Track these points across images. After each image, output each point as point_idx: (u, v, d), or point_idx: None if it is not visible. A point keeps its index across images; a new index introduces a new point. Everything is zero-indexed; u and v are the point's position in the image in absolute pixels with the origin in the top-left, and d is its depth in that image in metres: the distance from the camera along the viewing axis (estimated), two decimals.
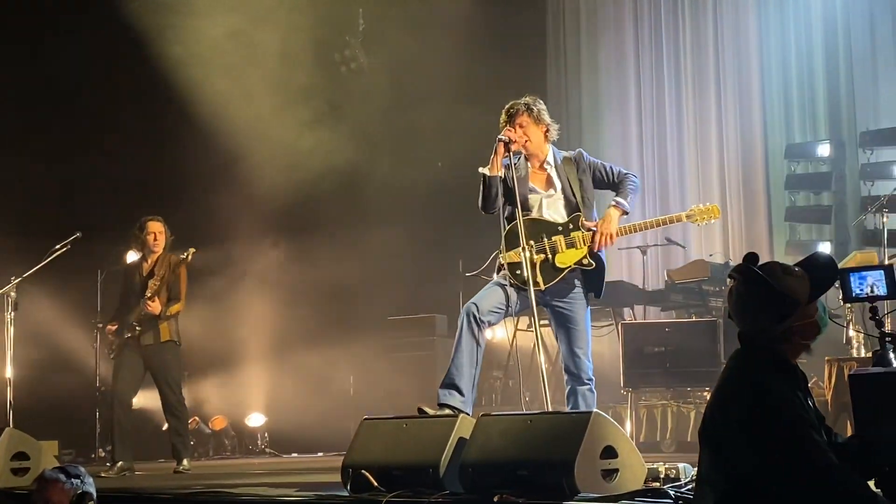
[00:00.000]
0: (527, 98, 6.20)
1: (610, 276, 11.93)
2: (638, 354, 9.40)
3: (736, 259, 11.07)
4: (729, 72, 12.59)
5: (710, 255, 11.49)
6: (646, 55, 13.22)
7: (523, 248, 5.84)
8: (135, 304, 8.67)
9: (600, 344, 11.23)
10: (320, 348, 11.53)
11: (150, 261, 8.82)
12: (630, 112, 13.28)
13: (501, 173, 6.02)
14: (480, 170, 6.06)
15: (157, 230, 8.82)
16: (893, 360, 3.49)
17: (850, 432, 7.67)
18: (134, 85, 11.64)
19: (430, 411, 5.75)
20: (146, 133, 11.77)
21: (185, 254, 8.62)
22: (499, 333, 10.55)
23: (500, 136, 6.03)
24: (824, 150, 11.73)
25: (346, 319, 11.85)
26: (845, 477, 3.29)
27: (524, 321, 9.57)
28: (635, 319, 11.01)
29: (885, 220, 9.77)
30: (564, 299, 6.07)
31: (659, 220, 6.35)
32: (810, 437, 3.32)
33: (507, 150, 6.01)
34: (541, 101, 6.21)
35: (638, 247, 11.65)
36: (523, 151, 6.17)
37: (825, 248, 11.38)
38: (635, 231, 6.22)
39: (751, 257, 3.54)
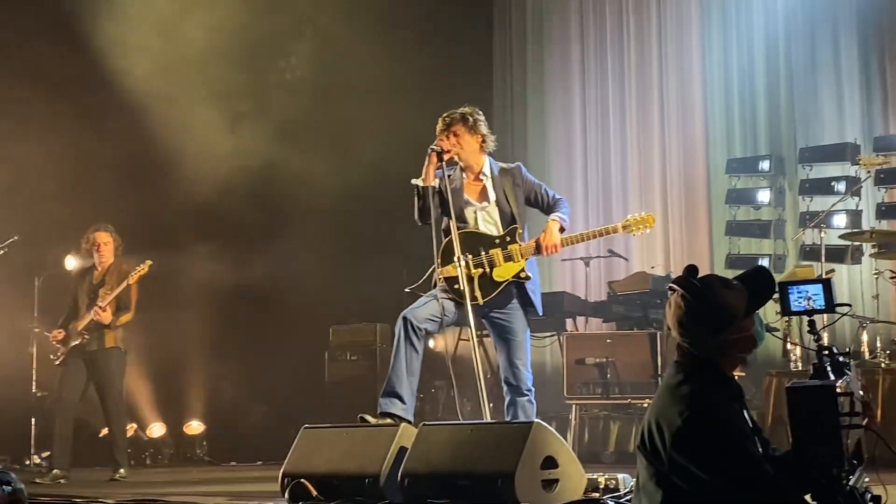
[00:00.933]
0: (465, 108, 6.19)
1: (553, 288, 12.17)
2: (580, 365, 9.44)
3: (677, 272, 11.16)
4: (672, 87, 12.70)
5: (652, 268, 11.57)
6: (591, 69, 13.30)
7: (458, 260, 5.82)
8: (84, 312, 8.58)
9: (543, 354, 11.28)
10: (261, 356, 11.46)
11: (100, 269, 8.73)
12: (575, 125, 13.35)
13: (435, 183, 6.02)
14: (413, 181, 6.05)
15: (103, 240, 8.75)
16: (831, 372, 3.53)
17: (787, 444, 7.79)
18: (61, 83, 11.43)
19: (372, 420, 5.74)
20: (77, 136, 11.59)
21: (141, 266, 8.55)
22: (441, 343, 10.54)
23: (432, 146, 6.03)
24: (764, 165, 11.86)
25: (288, 327, 11.77)
26: (781, 489, 3.32)
27: (467, 331, 9.57)
28: (578, 330, 11.07)
29: (823, 235, 9.90)
30: (503, 311, 6.09)
31: (596, 232, 6.37)
32: (747, 450, 3.35)
33: (440, 159, 6.00)
34: (479, 113, 6.21)
35: (581, 258, 11.71)
36: (460, 162, 6.16)
37: (764, 262, 11.50)
38: (575, 242, 6.25)
39: (690, 270, 3.57)
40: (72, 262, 9.13)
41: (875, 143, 11.07)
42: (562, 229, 6.12)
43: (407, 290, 6.11)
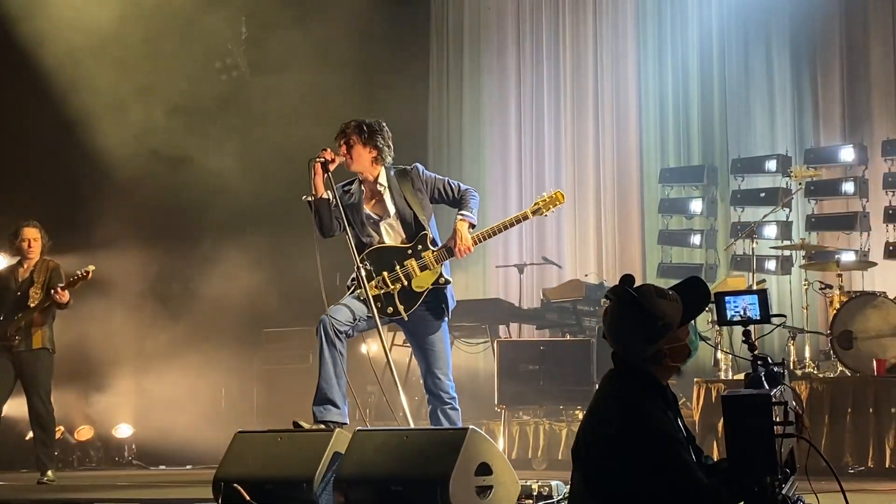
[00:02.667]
0: (366, 119, 6.10)
1: (487, 294, 12.18)
2: (512, 372, 9.46)
3: (610, 280, 11.29)
4: (607, 97, 12.80)
5: (586, 276, 11.66)
6: (527, 76, 13.36)
7: (358, 270, 5.80)
8: (10, 311, 8.41)
9: (476, 361, 11.31)
10: (192, 359, 11.33)
11: (26, 266, 8.57)
12: (510, 131, 13.40)
13: (328, 194, 5.94)
14: (304, 198, 5.96)
15: (32, 236, 8.60)
16: (765, 382, 3.57)
17: (716, 452, 7.87)
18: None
19: (306, 425, 5.69)
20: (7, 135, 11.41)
21: (84, 271, 8.39)
22: (374, 347, 10.51)
23: (314, 157, 5.92)
24: (697, 175, 12.00)
25: (221, 330, 11.65)
26: (715, 497, 3.35)
27: (400, 336, 9.56)
28: (511, 337, 11.10)
29: (754, 245, 10.04)
30: (421, 321, 6.04)
31: (507, 222, 6.16)
32: (680, 458, 3.38)
33: (325, 170, 5.91)
34: (379, 123, 6.10)
35: (515, 265, 11.77)
36: (358, 175, 6.10)
37: (696, 271, 11.63)
38: (487, 238, 6.12)
39: (626, 279, 3.59)
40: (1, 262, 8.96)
41: (806, 155, 11.26)
42: (472, 226, 6.02)
43: (330, 307, 5.96)
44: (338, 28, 11.85)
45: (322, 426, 5.66)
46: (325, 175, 5.94)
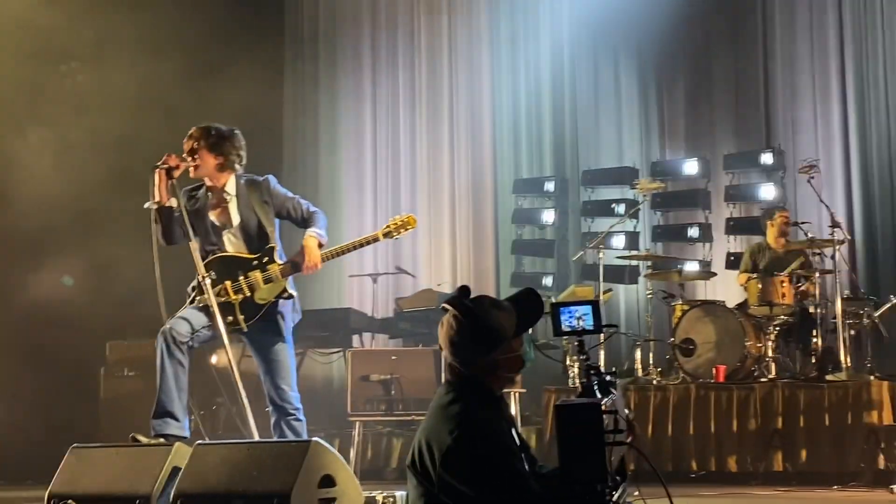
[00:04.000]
0: (215, 124, 6.02)
1: (340, 304, 12.12)
2: (365, 381, 9.43)
3: None
4: (462, 108, 12.89)
5: (439, 285, 11.71)
6: (382, 86, 13.36)
7: (202, 281, 5.71)
8: None
9: (329, 370, 11.24)
10: (31, 371, 10.95)
11: None
12: (365, 141, 13.37)
13: (173, 202, 5.83)
14: (146, 205, 5.83)
15: None
16: (597, 391, 3.63)
17: None
18: None
19: (144, 440, 5.56)
20: None
21: None
22: (223, 358, 10.35)
23: (158, 163, 5.79)
24: (549, 186, 12.20)
25: (62, 341, 11.28)
26: None
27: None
28: (364, 347, 11.07)
29: (601, 255, 10.23)
30: (264, 333, 5.98)
31: (357, 242, 6.16)
32: (514, 467, 3.42)
33: (170, 176, 5.78)
34: (231, 130, 6.02)
35: (369, 274, 11.76)
36: (205, 181, 6.02)
37: (548, 280, 11.81)
38: (336, 256, 6.08)
39: (463, 290, 3.62)
40: None
41: (652, 168, 11.56)
42: (320, 245, 5.97)
43: (167, 321, 5.85)
44: (185, 38, 11.62)
45: (161, 440, 5.55)
46: (170, 182, 5.80)
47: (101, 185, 10.84)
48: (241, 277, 5.89)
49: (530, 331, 3.70)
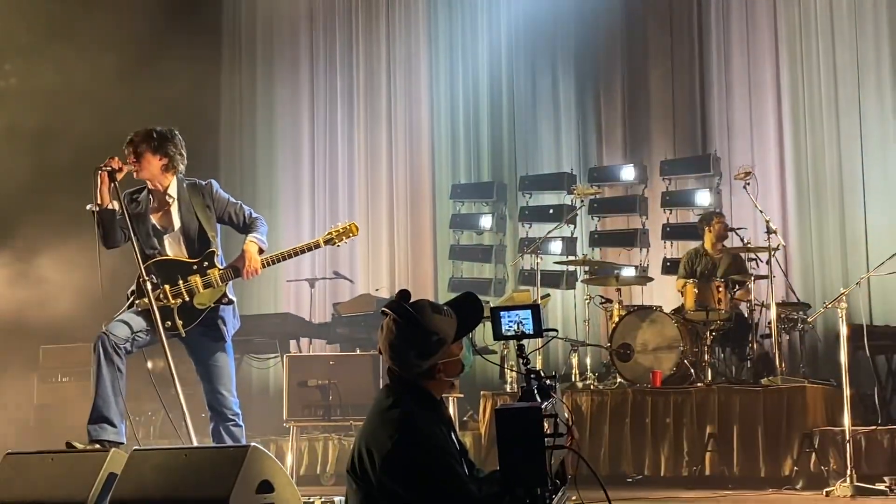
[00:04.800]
0: (157, 127, 5.97)
1: (278, 309, 12.06)
2: (302, 387, 9.37)
3: None
4: (400, 113, 12.90)
5: (377, 290, 11.70)
6: (320, 90, 13.34)
7: (143, 284, 5.65)
8: None
9: (266, 376, 11.18)
10: None
11: None
12: (303, 146, 13.33)
13: (114, 205, 5.78)
14: (88, 207, 5.77)
15: None
16: (537, 395, 3.64)
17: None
18: None
19: (79, 445, 5.49)
20: None
21: None
22: (159, 363, 10.25)
23: (100, 165, 5.73)
24: (487, 191, 12.23)
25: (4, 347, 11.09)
26: None
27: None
28: (301, 352, 11.02)
29: (539, 261, 10.28)
30: (203, 339, 5.94)
31: (298, 249, 6.14)
32: (454, 471, 3.43)
33: (112, 179, 5.71)
34: (171, 131, 5.98)
35: (306, 279, 11.71)
36: (148, 184, 5.97)
37: (486, 285, 11.84)
38: (277, 261, 6.06)
39: (403, 294, 3.62)
40: None
41: (589, 173, 11.64)
42: (261, 250, 5.97)
43: (105, 325, 5.79)
44: (123, 37, 11.49)
45: (97, 446, 5.47)
46: (112, 184, 5.73)
47: (24, 181, 10.69)
48: (181, 282, 5.84)
49: (470, 335, 3.71)
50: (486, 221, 12.14)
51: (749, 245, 9.26)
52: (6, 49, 11.79)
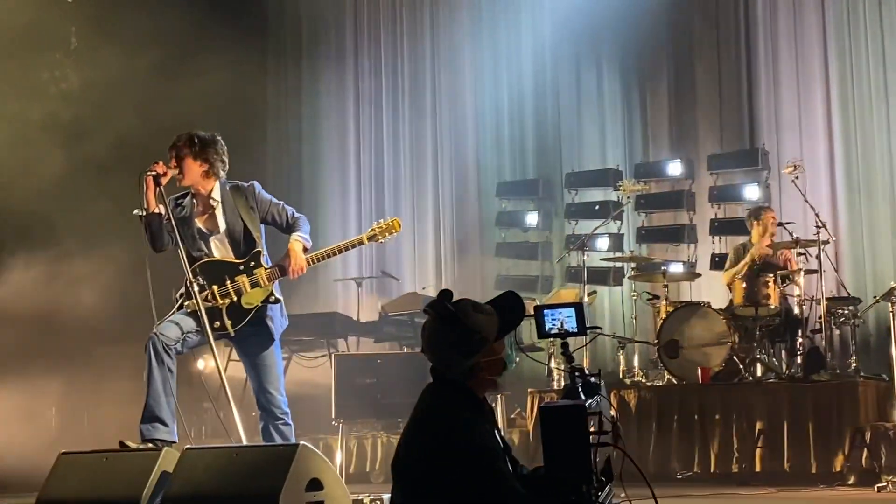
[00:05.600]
0: (199, 132, 6.02)
1: (325, 308, 12.13)
2: (350, 385, 9.44)
3: None
4: (444, 111, 12.92)
5: (423, 288, 11.73)
6: (365, 91, 13.39)
7: (191, 286, 5.72)
8: None
9: (313, 375, 11.23)
10: (18, 380, 10.91)
11: None
12: (349, 146, 13.40)
13: (160, 209, 5.85)
14: (135, 212, 5.85)
15: None
16: (582, 393, 3.66)
17: None
18: None
19: (133, 445, 5.57)
20: None
21: None
22: (210, 363, 10.35)
23: (145, 170, 5.81)
24: (533, 189, 12.23)
25: (48, 349, 11.25)
26: None
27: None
28: (348, 351, 11.08)
29: (585, 258, 10.26)
30: (252, 338, 6.00)
31: (342, 246, 6.17)
32: (497, 468, 3.43)
33: (157, 183, 5.80)
34: (213, 136, 6.04)
35: (353, 279, 11.77)
36: (191, 188, 6.03)
37: (532, 283, 11.84)
38: (321, 259, 6.10)
39: (444, 294, 3.64)
40: None
41: (635, 169, 11.59)
42: (305, 249, 6.02)
43: (157, 323, 5.86)
44: (165, 40, 11.61)
45: (150, 445, 5.55)
46: (157, 189, 5.82)
47: (79, 182, 10.83)
48: (228, 282, 5.90)
49: (512, 334, 3.72)
50: (531, 219, 12.13)
51: (798, 239, 9.18)
52: (50, 47, 11.96)
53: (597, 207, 11.58)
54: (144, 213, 5.83)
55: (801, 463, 8.21)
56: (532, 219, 12.13)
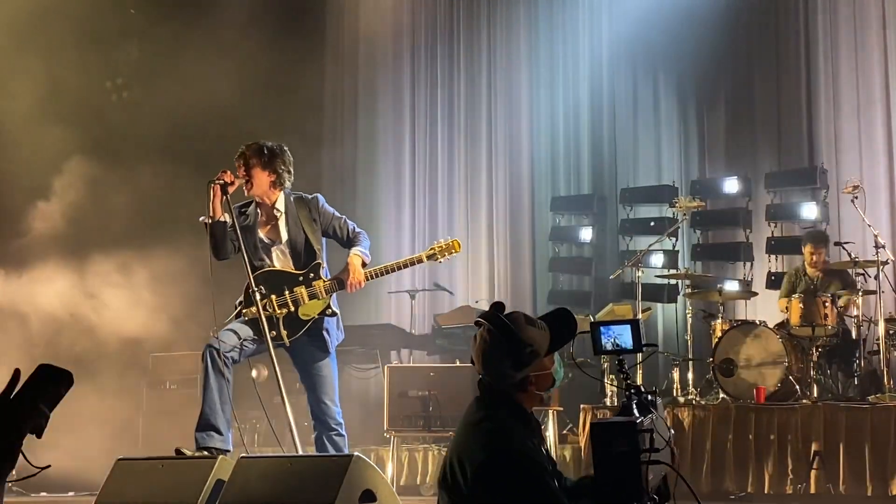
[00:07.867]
0: (266, 142, 6.09)
1: (378, 320, 12.17)
2: (402, 397, 9.46)
3: None
4: (500, 126, 12.94)
5: (476, 302, 11.72)
6: (421, 106, 13.44)
7: (253, 295, 5.77)
8: None
9: (366, 386, 11.28)
10: (75, 383, 11.04)
11: None
12: (404, 159, 13.44)
13: (226, 217, 5.91)
14: (201, 219, 5.92)
15: None
16: (636, 410, 3.64)
17: None
18: None
19: (189, 452, 5.63)
20: None
21: None
22: (264, 372, 10.44)
23: (213, 179, 5.88)
24: (587, 203, 12.20)
25: (105, 354, 11.39)
26: None
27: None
28: (401, 363, 11.11)
29: (639, 274, 10.21)
30: (308, 348, 6.04)
31: (401, 263, 6.29)
32: (546, 484, 3.41)
33: (224, 192, 5.87)
34: (280, 147, 6.10)
35: (407, 291, 11.80)
36: (255, 197, 6.10)
37: (585, 298, 11.80)
38: (380, 275, 6.18)
39: (497, 306, 3.64)
40: None
41: (691, 186, 11.52)
42: (364, 264, 6.07)
43: (215, 331, 5.94)
44: (231, 53, 11.75)
45: (205, 453, 5.61)
46: (224, 197, 5.88)
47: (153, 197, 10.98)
48: (287, 292, 5.96)
49: (563, 350, 3.72)
50: (585, 234, 12.11)
51: (857, 259, 9.08)
52: (121, 63, 12.16)
53: (652, 224, 11.52)
54: (210, 221, 5.90)
55: (858, 485, 8.10)
56: (586, 234, 12.10)
